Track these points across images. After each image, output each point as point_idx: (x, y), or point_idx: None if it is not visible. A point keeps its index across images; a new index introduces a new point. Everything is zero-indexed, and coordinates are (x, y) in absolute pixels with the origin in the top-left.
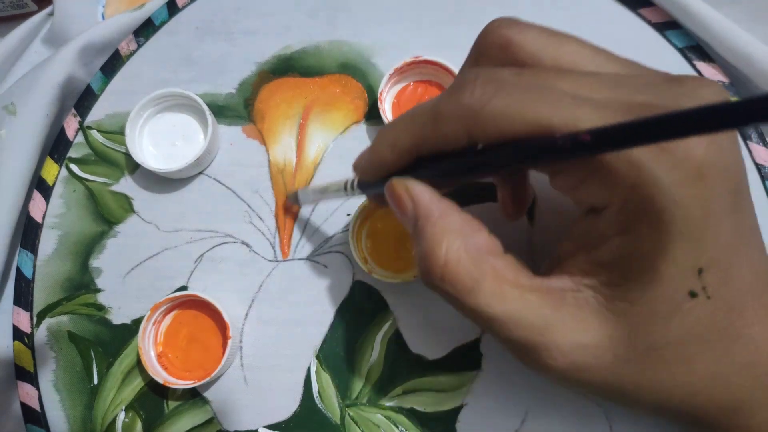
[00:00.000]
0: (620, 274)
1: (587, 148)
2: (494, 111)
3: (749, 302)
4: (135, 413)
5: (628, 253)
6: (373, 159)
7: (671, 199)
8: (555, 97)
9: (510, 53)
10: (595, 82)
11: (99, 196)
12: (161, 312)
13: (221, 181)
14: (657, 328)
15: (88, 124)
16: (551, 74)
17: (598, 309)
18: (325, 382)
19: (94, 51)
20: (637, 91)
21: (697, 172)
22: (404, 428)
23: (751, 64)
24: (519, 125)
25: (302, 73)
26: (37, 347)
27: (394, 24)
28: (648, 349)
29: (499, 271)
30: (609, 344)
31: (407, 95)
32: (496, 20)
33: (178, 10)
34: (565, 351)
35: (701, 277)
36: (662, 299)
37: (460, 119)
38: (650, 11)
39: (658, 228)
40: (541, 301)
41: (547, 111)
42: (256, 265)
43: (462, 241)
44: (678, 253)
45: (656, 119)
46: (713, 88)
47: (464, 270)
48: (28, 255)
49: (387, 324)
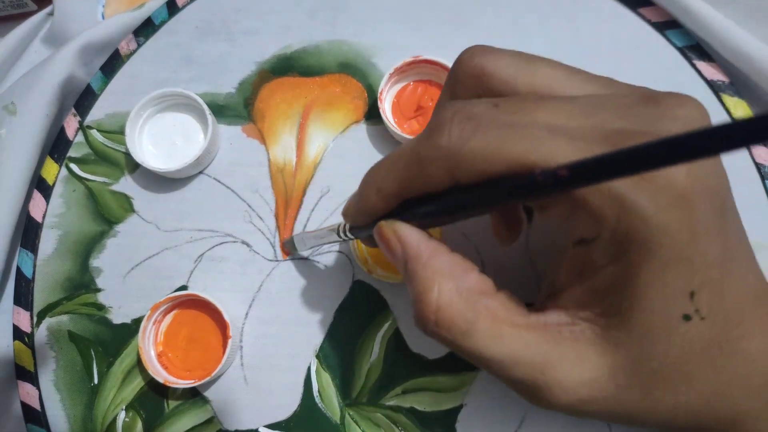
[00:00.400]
0: (614, 303)
1: (567, 183)
2: (473, 152)
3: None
4: (135, 413)
5: (620, 282)
6: (361, 206)
7: (656, 227)
8: (531, 132)
9: (484, 82)
10: (571, 108)
11: (99, 196)
12: (161, 311)
13: (221, 180)
14: (655, 353)
15: (88, 124)
16: (528, 103)
17: (595, 340)
18: (325, 381)
19: (94, 51)
20: (613, 115)
21: (681, 198)
22: (404, 428)
23: (751, 63)
24: (498, 164)
25: (302, 72)
26: (38, 347)
27: (394, 24)
28: (648, 374)
29: (493, 311)
30: (610, 374)
31: (407, 95)
32: (468, 50)
33: (178, 9)
34: (567, 387)
35: (693, 300)
36: (657, 325)
37: (440, 162)
38: (650, 10)
39: (647, 256)
40: (539, 338)
41: (524, 147)
42: (256, 264)
43: (453, 283)
44: (668, 279)
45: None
46: (690, 107)
47: (457, 313)
48: (28, 255)
49: (387, 324)
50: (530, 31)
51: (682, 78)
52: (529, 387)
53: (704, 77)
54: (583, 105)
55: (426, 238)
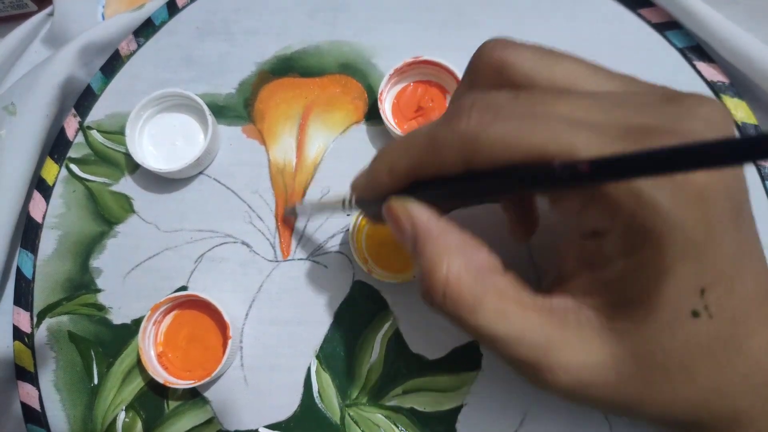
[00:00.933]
0: (623, 295)
1: (586, 178)
2: (491, 139)
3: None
4: (135, 413)
5: (631, 276)
6: (371, 181)
7: (673, 223)
8: (552, 123)
9: (505, 75)
10: (592, 103)
11: (99, 196)
12: (161, 312)
13: (221, 181)
14: (660, 346)
15: (88, 124)
16: (548, 96)
17: (600, 328)
18: (325, 382)
19: (94, 51)
20: (634, 112)
21: (698, 196)
22: (404, 428)
23: (751, 64)
24: (516, 153)
25: (302, 73)
26: (38, 347)
27: (395, 24)
28: (651, 367)
29: (501, 289)
30: (612, 363)
31: (407, 95)
32: (489, 41)
33: (178, 10)
34: (568, 370)
35: (703, 296)
36: (665, 320)
37: (456, 147)
38: (650, 11)
39: (661, 252)
40: (544, 320)
41: (543, 138)
42: (256, 265)
43: (463, 260)
44: (680, 276)
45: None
46: (712, 106)
47: (466, 288)
48: (28, 255)
49: (387, 324)
50: (530, 31)
51: (682, 79)
52: (532, 367)
53: (704, 78)
54: (604, 100)
55: (436, 216)
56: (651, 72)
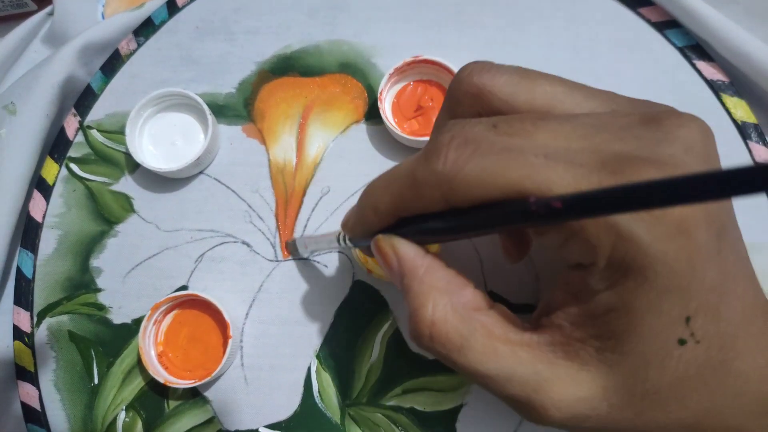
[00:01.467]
0: (609, 327)
1: (561, 215)
2: (468, 178)
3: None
4: (135, 413)
5: (616, 307)
6: (359, 219)
7: (653, 256)
8: (528, 158)
9: (484, 101)
10: (570, 130)
11: (99, 196)
12: (162, 311)
13: (221, 180)
14: (649, 375)
15: (88, 124)
16: (526, 124)
17: (589, 361)
18: (326, 381)
19: (94, 51)
20: (612, 137)
21: (678, 228)
22: (404, 428)
23: (751, 63)
24: (493, 191)
25: (302, 72)
26: (38, 347)
27: (394, 23)
28: (641, 395)
29: (488, 327)
30: (603, 395)
31: (407, 95)
32: (466, 67)
33: (178, 9)
34: (560, 406)
35: (689, 324)
36: (652, 350)
37: (435, 186)
38: (650, 10)
39: (644, 284)
40: (533, 356)
41: (519, 175)
42: (257, 264)
43: (448, 299)
44: (665, 307)
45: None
46: (691, 127)
47: (452, 328)
48: (29, 255)
49: (387, 324)
50: (530, 31)
51: (682, 78)
52: (523, 404)
53: (704, 77)
54: (582, 125)
55: (422, 253)
56: (651, 71)
